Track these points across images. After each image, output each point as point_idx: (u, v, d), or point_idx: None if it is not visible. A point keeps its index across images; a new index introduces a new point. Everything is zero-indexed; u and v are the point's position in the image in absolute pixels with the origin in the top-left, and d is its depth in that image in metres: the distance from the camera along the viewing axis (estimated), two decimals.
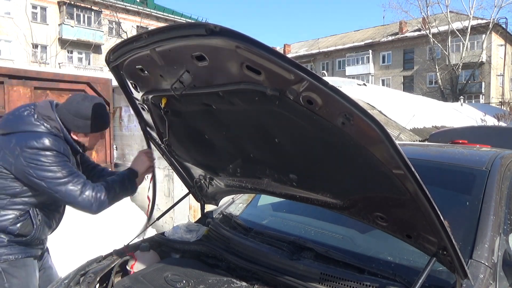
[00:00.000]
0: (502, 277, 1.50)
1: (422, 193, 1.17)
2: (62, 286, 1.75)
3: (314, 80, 1.10)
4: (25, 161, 1.77)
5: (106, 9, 28.12)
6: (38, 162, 1.78)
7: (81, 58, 28.06)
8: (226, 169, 1.94)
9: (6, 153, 1.81)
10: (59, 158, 1.83)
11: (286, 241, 1.78)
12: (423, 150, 2.72)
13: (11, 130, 1.85)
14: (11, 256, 1.89)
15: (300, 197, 1.69)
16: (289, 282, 1.56)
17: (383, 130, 1.10)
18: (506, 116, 15.48)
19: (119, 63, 1.66)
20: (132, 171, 2.10)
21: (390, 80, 34.63)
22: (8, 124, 1.89)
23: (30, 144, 1.78)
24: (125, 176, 2.05)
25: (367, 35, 37.48)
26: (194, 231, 2.12)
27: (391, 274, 1.46)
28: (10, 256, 1.89)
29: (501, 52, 30.32)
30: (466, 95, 26.40)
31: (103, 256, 1.97)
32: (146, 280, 1.69)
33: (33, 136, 1.80)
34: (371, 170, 1.25)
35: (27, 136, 1.80)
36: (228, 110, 1.50)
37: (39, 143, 1.79)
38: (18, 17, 24.63)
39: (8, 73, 5.66)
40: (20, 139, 1.80)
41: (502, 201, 1.77)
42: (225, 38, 1.12)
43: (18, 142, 1.80)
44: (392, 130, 7.75)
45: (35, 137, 1.80)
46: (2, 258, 1.87)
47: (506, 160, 2.11)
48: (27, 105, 1.94)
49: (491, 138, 4.06)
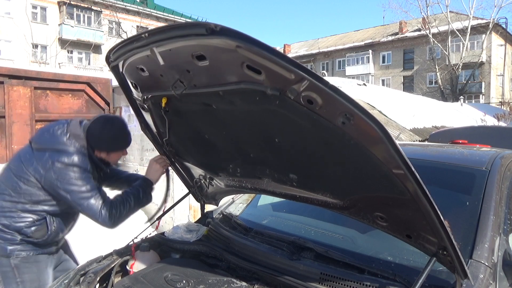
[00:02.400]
0: (502, 277, 1.50)
1: (422, 193, 1.17)
2: (62, 286, 1.75)
3: (315, 79, 1.10)
4: (54, 174, 1.94)
5: (106, 9, 28.12)
6: (66, 176, 1.95)
7: (81, 58, 28.05)
8: (226, 169, 1.94)
9: (39, 164, 1.97)
10: (85, 174, 1.99)
11: (286, 241, 1.77)
12: (423, 150, 2.72)
13: (45, 147, 2.01)
14: (23, 252, 2.03)
15: (300, 197, 1.69)
16: (289, 282, 1.56)
17: (383, 130, 1.10)
18: (506, 116, 15.47)
19: (119, 63, 1.66)
20: (146, 182, 2.19)
21: (390, 80, 34.63)
22: (43, 141, 2.05)
23: (61, 160, 1.95)
24: (140, 189, 2.15)
25: (367, 35, 37.48)
26: (194, 231, 2.12)
27: (391, 274, 1.46)
28: (22, 253, 2.03)
29: (501, 52, 30.32)
30: (466, 95, 26.42)
31: (103, 256, 1.97)
32: (146, 280, 1.69)
33: (64, 154, 1.97)
34: (371, 170, 1.25)
35: (59, 154, 1.97)
36: (228, 110, 1.50)
37: (69, 159, 1.96)
38: (18, 17, 24.60)
39: (8, 73, 5.66)
40: (53, 155, 1.97)
41: (502, 201, 1.77)
42: (226, 38, 1.12)
43: (50, 157, 1.97)
44: (392, 130, 7.75)
45: (66, 155, 1.97)
46: (14, 254, 2.01)
47: (506, 160, 2.11)
48: (61, 123, 2.09)
49: (491, 138, 4.06)
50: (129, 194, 2.10)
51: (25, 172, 1.98)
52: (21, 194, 2.00)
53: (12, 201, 2.01)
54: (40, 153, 1.99)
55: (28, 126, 5.77)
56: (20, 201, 2.00)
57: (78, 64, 27.09)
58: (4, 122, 5.58)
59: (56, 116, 6.11)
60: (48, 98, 6.04)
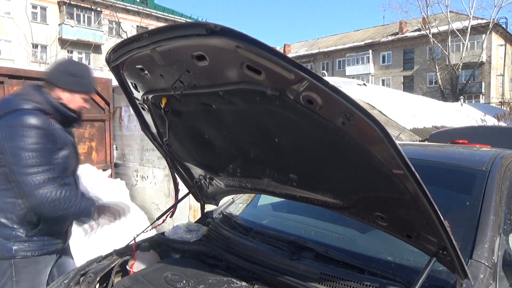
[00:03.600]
0: (502, 277, 1.50)
1: (422, 193, 1.17)
2: (62, 286, 1.75)
3: (315, 79, 1.10)
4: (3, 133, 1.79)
5: (106, 9, 28.11)
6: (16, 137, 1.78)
7: (81, 58, 28.02)
8: (226, 169, 1.94)
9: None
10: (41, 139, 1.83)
11: (286, 241, 1.77)
12: (423, 150, 2.72)
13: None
14: (28, 253, 1.95)
15: (300, 197, 1.69)
16: (289, 282, 1.56)
17: (383, 130, 1.10)
18: (506, 116, 15.48)
19: (119, 63, 1.66)
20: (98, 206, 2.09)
21: (390, 80, 34.62)
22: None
23: (14, 120, 1.79)
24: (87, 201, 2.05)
25: (367, 35, 37.48)
26: (194, 231, 2.12)
27: (391, 274, 1.46)
28: (27, 253, 1.95)
29: (501, 52, 30.32)
30: (466, 95, 26.41)
31: (103, 256, 1.97)
32: (146, 280, 1.68)
33: (18, 113, 1.81)
34: (371, 170, 1.25)
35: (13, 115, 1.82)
36: (228, 110, 1.50)
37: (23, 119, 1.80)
38: (18, 17, 24.59)
39: (8, 73, 5.66)
40: (6, 119, 1.82)
41: (502, 201, 1.77)
42: (226, 38, 1.12)
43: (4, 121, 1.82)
44: (392, 130, 7.75)
45: (19, 114, 1.81)
46: (19, 255, 1.93)
47: (506, 160, 2.11)
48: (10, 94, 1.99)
49: (491, 138, 4.07)
50: (77, 198, 1.97)
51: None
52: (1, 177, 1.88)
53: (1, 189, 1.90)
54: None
55: None
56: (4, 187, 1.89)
57: None
58: None
59: None
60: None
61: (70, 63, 2.13)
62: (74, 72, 2.06)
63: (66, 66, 2.10)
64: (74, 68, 2.09)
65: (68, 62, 2.14)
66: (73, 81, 2.04)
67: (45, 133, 1.87)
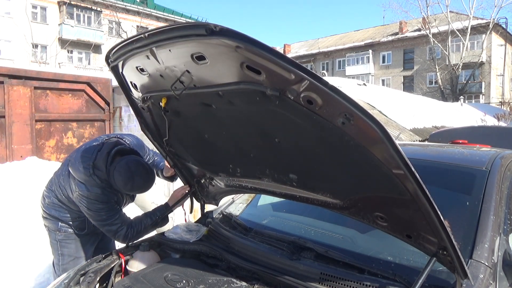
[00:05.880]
0: (502, 277, 1.50)
1: (422, 193, 1.17)
2: (62, 286, 1.75)
3: (314, 80, 1.10)
4: (77, 199, 2.21)
5: (106, 9, 28.09)
6: (86, 204, 2.18)
7: (81, 58, 28.02)
8: (226, 169, 1.94)
9: (72, 187, 2.25)
10: (103, 205, 2.18)
11: (286, 241, 1.77)
12: (423, 150, 2.72)
13: (73, 175, 2.22)
14: (69, 229, 2.41)
15: (300, 197, 1.69)
16: (289, 282, 1.56)
17: (383, 130, 1.10)
18: (506, 116, 15.49)
19: (119, 63, 1.66)
20: (166, 207, 2.37)
21: (390, 80, 34.61)
22: (73, 169, 2.24)
23: (82, 192, 2.18)
24: (158, 212, 2.34)
25: (367, 35, 37.46)
26: (194, 231, 2.12)
27: (391, 274, 1.46)
28: (68, 229, 2.41)
29: (501, 52, 30.29)
30: (466, 95, 26.42)
31: (103, 256, 1.97)
32: (146, 280, 1.69)
33: (85, 188, 2.17)
34: (371, 170, 1.25)
35: (82, 186, 2.18)
36: (228, 110, 1.50)
37: (89, 193, 2.16)
38: (18, 17, 24.57)
39: (8, 73, 5.67)
40: (78, 185, 2.19)
41: (502, 201, 1.77)
42: (225, 38, 1.12)
43: (76, 185, 2.20)
44: (392, 130, 7.75)
45: (87, 189, 2.17)
46: (62, 229, 2.40)
47: (506, 160, 2.11)
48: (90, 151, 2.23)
49: (491, 138, 4.07)
50: (147, 216, 2.32)
51: (64, 186, 2.31)
52: (65, 198, 2.33)
53: (59, 199, 2.36)
54: (71, 178, 2.25)
55: (28, 126, 5.78)
56: (65, 202, 2.35)
57: (78, 64, 27.05)
58: (4, 122, 5.59)
59: (56, 116, 6.12)
60: (48, 98, 6.04)
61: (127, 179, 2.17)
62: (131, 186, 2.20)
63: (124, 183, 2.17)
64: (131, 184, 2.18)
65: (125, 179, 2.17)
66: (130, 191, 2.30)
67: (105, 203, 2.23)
